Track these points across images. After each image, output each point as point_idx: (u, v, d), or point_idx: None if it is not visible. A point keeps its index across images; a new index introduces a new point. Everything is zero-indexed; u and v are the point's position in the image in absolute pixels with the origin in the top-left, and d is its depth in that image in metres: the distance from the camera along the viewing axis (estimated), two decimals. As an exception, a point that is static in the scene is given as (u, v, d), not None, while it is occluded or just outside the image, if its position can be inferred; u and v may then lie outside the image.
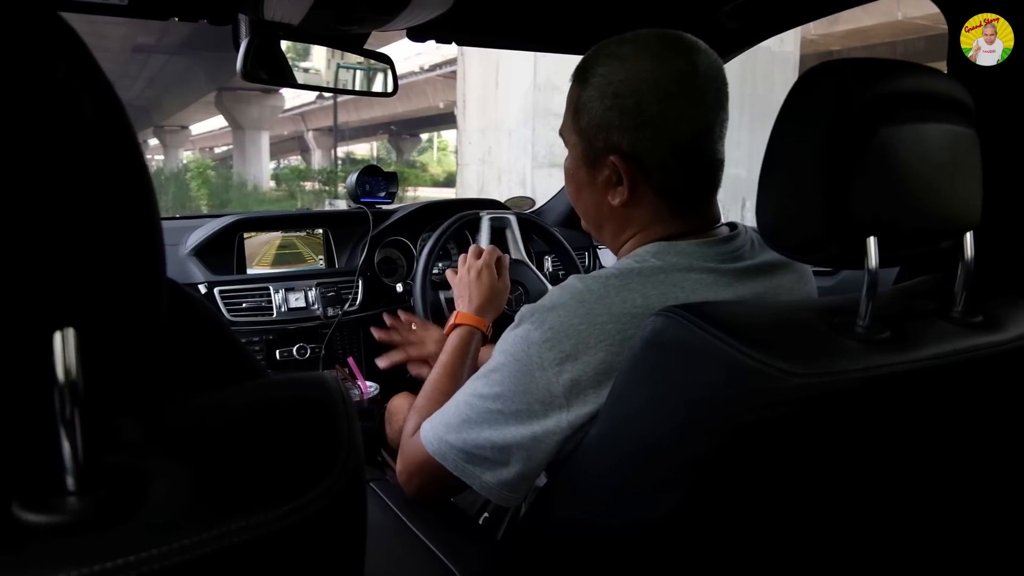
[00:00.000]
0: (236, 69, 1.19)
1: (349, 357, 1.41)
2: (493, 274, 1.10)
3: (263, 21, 1.17)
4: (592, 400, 0.62)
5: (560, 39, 1.38)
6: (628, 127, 0.68)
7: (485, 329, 1.04)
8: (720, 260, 0.70)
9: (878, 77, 0.52)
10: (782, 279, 0.74)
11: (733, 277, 0.69)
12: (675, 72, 0.67)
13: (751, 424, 0.50)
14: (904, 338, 0.54)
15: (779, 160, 0.57)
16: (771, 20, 1.22)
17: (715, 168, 0.72)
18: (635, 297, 0.64)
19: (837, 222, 0.52)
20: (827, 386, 0.49)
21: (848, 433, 0.56)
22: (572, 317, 0.63)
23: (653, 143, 0.68)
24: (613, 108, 0.68)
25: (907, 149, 0.52)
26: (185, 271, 1.36)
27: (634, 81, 0.67)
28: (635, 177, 0.70)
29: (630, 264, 0.69)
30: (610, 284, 0.65)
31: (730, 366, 0.49)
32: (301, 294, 1.44)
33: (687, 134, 0.68)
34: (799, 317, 0.56)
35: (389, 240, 1.57)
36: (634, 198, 0.71)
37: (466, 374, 0.93)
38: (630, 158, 0.69)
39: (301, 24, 1.19)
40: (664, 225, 0.72)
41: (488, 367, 0.69)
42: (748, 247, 0.73)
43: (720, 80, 0.70)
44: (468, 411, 0.68)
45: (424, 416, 0.78)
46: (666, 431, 0.54)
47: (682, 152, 0.69)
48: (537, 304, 0.67)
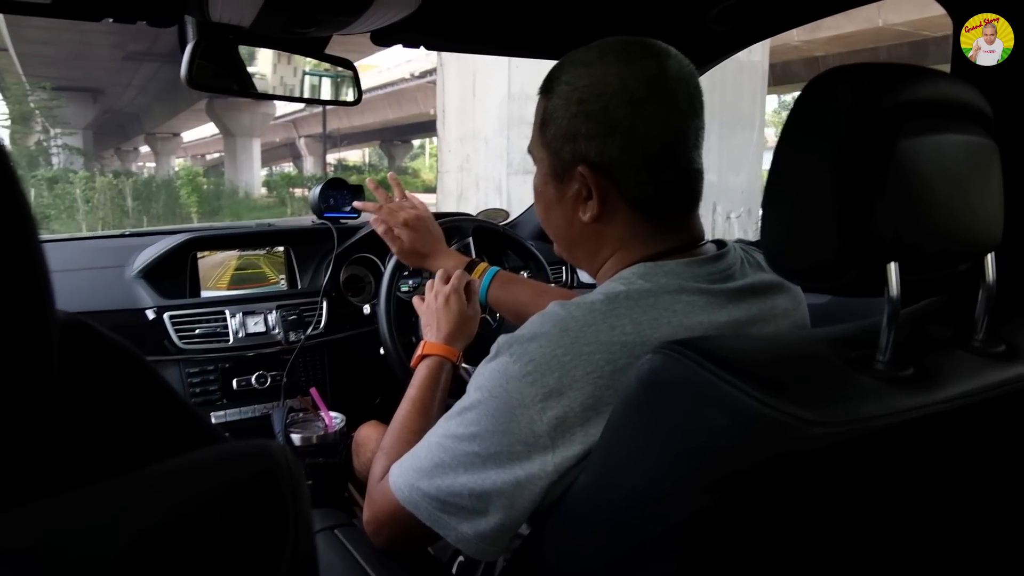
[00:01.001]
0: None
1: (312, 388, 1.31)
2: (462, 299, 1.02)
3: (211, 24, 1.08)
4: (580, 440, 0.57)
5: (536, 43, 1.30)
6: (595, 134, 0.64)
7: (456, 359, 0.97)
8: (711, 280, 0.65)
9: (895, 83, 0.48)
10: (776, 300, 0.69)
11: (726, 298, 0.65)
12: (643, 75, 0.63)
13: (762, 477, 0.45)
14: (927, 374, 0.50)
15: (787, 175, 0.52)
16: (761, 23, 1.17)
17: (692, 179, 0.67)
18: (624, 324, 0.59)
19: (855, 246, 0.48)
20: (850, 435, 0.45)
21: (868, 481, 0.51)
22: (555, 348, 0.58)
23: (622, 151, 0.64)
24: (579, 115, 0.65)
25: (929, 163, 0.48)
26: (131, 295, 1.26)
27: (600, 85, 0.64)
28: (605, 189, 0.66)
29: (616, 287, 0.63)
30: (596, 310, 0.60)
31: (739, 412, 0.45)
32: (260, 318, 1.34)
33: (658, 140, 0.64)
34: (811, 351, 0.51)
35: (356, 258, 1.47)
36: (606, 213, 0.67)
37: (438, 409, 0.88)
38: (599, 168, 0.65)
39: (253, 27, 1.10)
40: (643, 243, 0.67)
41: (463, 404, 0.63)
42: (738, 265, 0.69)
43: (692, 85, 0.66)
44: (441, 454, 0.63)
45: (393, 458, 0.72)
46: (665, 483, 0.49)
47: (654, 160, 0.64)
48: (515, 334, 0.61)
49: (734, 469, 0.46)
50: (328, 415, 1.31)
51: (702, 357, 0.47)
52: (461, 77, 5.80)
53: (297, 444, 1.24)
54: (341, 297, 1.44)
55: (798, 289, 0.73)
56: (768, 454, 0.45)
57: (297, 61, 1.24)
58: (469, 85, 5.65)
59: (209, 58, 1.12)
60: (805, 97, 0.51)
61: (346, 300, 1.44)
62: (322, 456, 1.26)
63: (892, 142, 0.47)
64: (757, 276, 0.69)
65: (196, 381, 1.27)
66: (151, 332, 1.23)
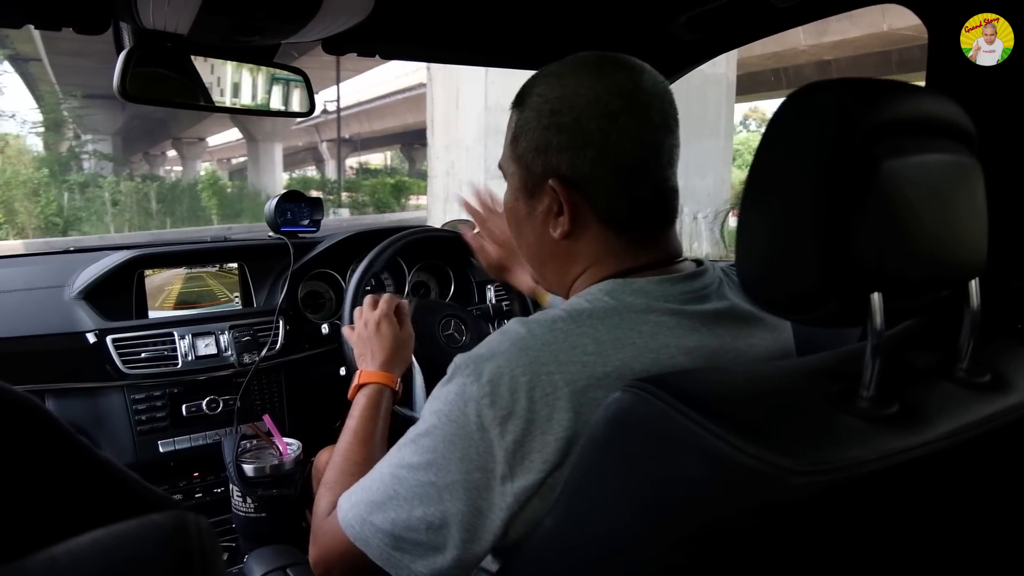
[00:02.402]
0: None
1: (265, 415, 1.24)
2: (394, 324, 1.00)
3: (146, 31, 1.02)
4: (538, 466, 0.54)
5: (495, 52, 1.23)
6: (567, 147, 0.62)
7: (394, 385, 0.94)
8: (682, 300, 0.62)
9: (876, 99, 0.45)
10: (755, 330, 0.65)
11: (699, 321, 0.61)
12: (616, 88, 0.62)
13: (739, 529, 0.42)
14: (913, 411, 0.47)
15: (762, 197, 0.49)
16: (730, 32, 1.13)
17: (667, 196, 0.65)
18: (586, 343, 0.56)
19: (836, 274, 0.45)
20: (834, 482, 0.42)
21: (854, 527, 0.48)
22: (513, 367, 0.55)
23: (595, 165, 0.62)
24: (551, 127, 0.63)
25: (914, 185, 0.46)
26: (70, 318, 1.18)
27: (572, 97, 0.62)
28: (577, 205, 0.63)
29: (579, 304, 0.61)
30: (557, 328, 0.58)
31: (714, 460, 0.42)
32: (211, 339, 1.27)
33: (631, 155, 0.62)
34: (790, 386, 0.49)
35: (315, 273, 1.40)
36: (576, 229, 0.64)
37: (380, 439, 0.86)
38: (570, 183, 0.63)
39: (192, 34, 1.03)
40: (616, 259, 0.65)
41: (416, 431, 0.59)
42: (715, 286, 0.66)
43: (666, 101, 0.64)
44: (395, 485, 0.59)
45: (338, 492, 0.68)
46: (634, 534, 0.46)
47: (627, 175, 0.62)
48: (472, 353, 0.59)
49: (709, 521, 0.43)
50: (283, 443, 1.24)
51: (674, 397, 0.44)
52: (446, 89, 6.24)
53: (250, 475, 1.17)
54: (299, 315, 1.37)
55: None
56: (746, 505, 0.42)
57: (252, 71, 1.17)
58: (453, 97, 6.16)
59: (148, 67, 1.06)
60: (782, 114, 0.48)
61: (304, 318, 1.37)
62: (276, 487, 1.19)
63: (875, 163, 0.44)
64: (735, 300, 0.65)
65: (142, 408, 1.20)
66: (91, 357, 1.16)
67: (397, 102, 20.16)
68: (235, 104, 1.14)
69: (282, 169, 22.73)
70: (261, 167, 19.99)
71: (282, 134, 20.80)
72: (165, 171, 30.23)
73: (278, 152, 20.71)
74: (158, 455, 1.21)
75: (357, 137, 25.54)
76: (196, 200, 16.53)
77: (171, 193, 16.83)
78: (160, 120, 23.02)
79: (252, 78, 1.16)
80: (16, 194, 12.68)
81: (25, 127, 16.81)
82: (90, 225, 13.79)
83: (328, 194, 16.75)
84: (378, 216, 18.39)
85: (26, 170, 13.84)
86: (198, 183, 17.63)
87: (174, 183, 19.63)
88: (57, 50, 14.81)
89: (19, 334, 1.12)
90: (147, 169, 28.00)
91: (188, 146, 26.07)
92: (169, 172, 30.01)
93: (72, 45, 13.90)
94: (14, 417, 0.45)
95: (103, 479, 0.50)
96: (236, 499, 1.17)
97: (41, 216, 13.00)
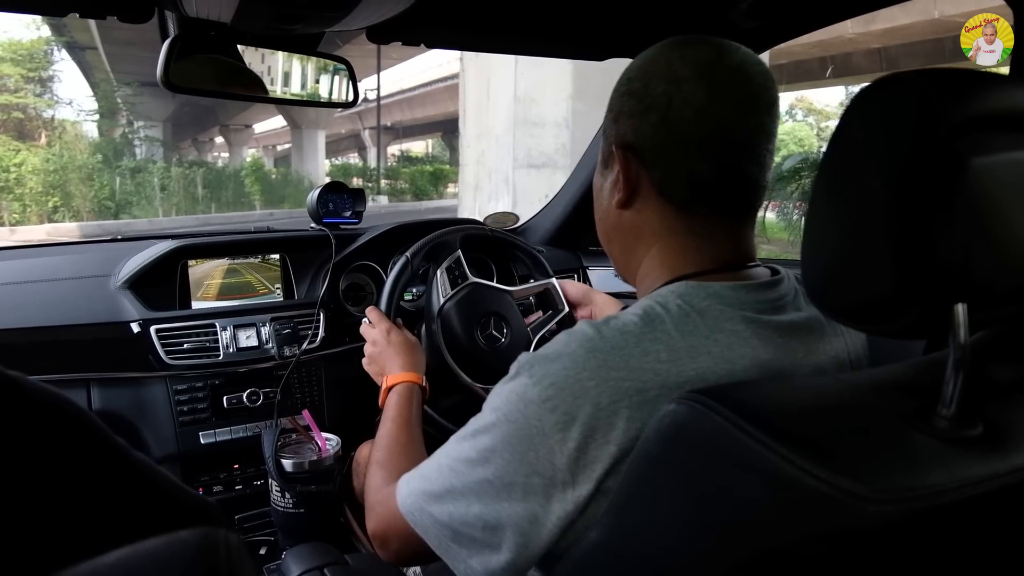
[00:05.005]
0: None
1: (304, 410, 1.23)
2: (399, 330, 1.05)
3: (190, 19, 1.01)
4: (600, 475, 0.52)
5: (541, 41, 1.18)
6: (634, 112, 0.62)
7: (422, 382, 0.98)
8: (759, 310, 0.58)
9: (964, 91, 0.42)
10: (833, 344, 0.62)
11: (775, 332, 0.58)
12: (692, 57, 0.60)
13: (801, 558, 0.39)
14: (997, 433, 0.43)
15: (835, 197, 0.46)
16: (794, 19, 1.07)
17: (736, 182, 0.61)
18: (659, 350, 0.53)
19: (916, 282, 0.41)
20: (910, 512, 0.38)
21: (929, 560, 0.44)
22: (580, 371, 0.53)
23: (655, 129, 0.60)
24: (624, 95, 0.63)
25: (1004, 186, 0.42)
26: (115, 307, 1.18)
27: (647, 63, 0.62)
28: (636, 173, 0.62)
29: (654, 308, 0.57)
30: (628, 331, 0.54)
31: (775, 481, 0.39)
32: (253, 331, 1.26)
33: (694, 123, 0.59)
34: (858, 401, 0.45)
35: (357, 265, 1.38)
36: (637, 201, 0.63)
37: (416, 423, 0.90)
38: (632, 149, 0.62)
39: (235, 23, 1.01)
40: (681, 250, 0.62)
41: (475, 426, 0.58)
42: (791, 296, 0.62)
43: (755, 82, 0.60)
44: (453, 478, 0.58)
45: (388, 470, 0.73)
46: (686, 557, 0.44)
47: (688, 146, 0.59)
48: (538, 352, 0.56)
49: (769, 547, 0.40)
50: (322, 438, 1.23)
51: (733, 411, 0.41)
52: (478, 79, 6.28)
53: (288, 471, 1.17)
54: (340, 307, 1.35)
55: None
56: (811, 532, 0.39)
57: (297, 61, 1.16)
58: (484, 86, 6.10)
59: (192, 55, 1.05)
60: (858, 107, 0.45)
61: (345, 311, 1.35)
62: (315, 483, 1.18)
63: (962, 160, 0.41)
64: (812, 312, 0.62)
65: (184, 399, 1.20)
66: (135, 347, 1.16)
67: (439, 90, 20.20)
68: (274, 93, 1.12)
69: (324, 156, 23.08)
70: (304, 154, 20.33)
71: (325, 122, 21.10)
72: (213, 157, 31.04)
73: (321, 139, 21.03)
74: (199, 446, 1.21)
75: (399, 125, 25.72)
76: (240, 186, 16.92)
77: (217, 179, 17.30)
78: (208, 107, 23.60)
79: (297, 67, 1.14)
80: (72, 178, 13.20)
81: (81, 114, 17.45)
82: (140, 209, 14.30)
83: (368, 181, 16.94)
84: (415, 204, 18.52)
85: (81, 155, 14.38)
86: (243, 169, 18.01)
87: (220, 169, 20.15)
88: (111, 39, 15.27)
89: (67, 323, 1.13)
90: (195, 155, 28.82)
91: (235, 133, 26.70)
92: (216, 158, 30.79)
93: (125, 34, 14.31)
94: (55, 422, 0.44)
95: (138, 484, 0.49)
96: (275, 494, 1.17)
97: (95, 200, 13.52)
